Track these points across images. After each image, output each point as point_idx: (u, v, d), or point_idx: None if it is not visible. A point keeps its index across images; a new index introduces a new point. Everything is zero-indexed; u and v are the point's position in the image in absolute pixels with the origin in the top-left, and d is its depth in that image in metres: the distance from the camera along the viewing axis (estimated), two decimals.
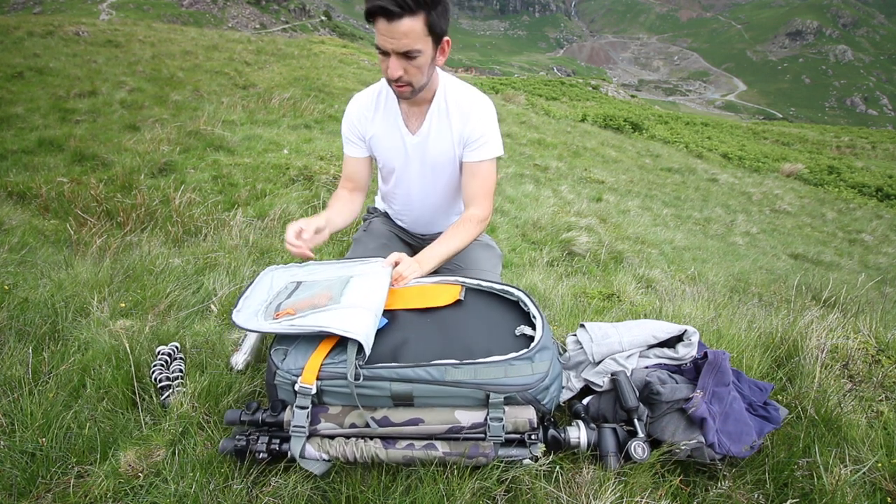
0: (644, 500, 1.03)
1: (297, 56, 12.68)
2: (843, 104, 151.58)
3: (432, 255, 1.41)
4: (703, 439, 1.08)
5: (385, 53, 1.25)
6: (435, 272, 1.44)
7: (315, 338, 1.11)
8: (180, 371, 1.33)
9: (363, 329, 1.07)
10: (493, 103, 1.50)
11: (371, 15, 1.19)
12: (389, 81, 1.32)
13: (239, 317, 1.19)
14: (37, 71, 7.44)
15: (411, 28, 1.19)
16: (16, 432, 1.14)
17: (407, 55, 1.24)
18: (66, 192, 3.48)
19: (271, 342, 1.19)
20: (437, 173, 1.57)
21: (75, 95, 6.50)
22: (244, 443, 1.05)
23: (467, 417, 1.04)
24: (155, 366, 1.32)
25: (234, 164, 4.52)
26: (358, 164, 1.63)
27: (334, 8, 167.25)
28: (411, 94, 1.35)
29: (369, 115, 1.54)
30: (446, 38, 1.30)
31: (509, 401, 1.05)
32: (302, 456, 1.03)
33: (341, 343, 1.09)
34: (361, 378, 1.03)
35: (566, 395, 1.26)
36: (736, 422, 1.12)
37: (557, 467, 1.09)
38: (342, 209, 1.59)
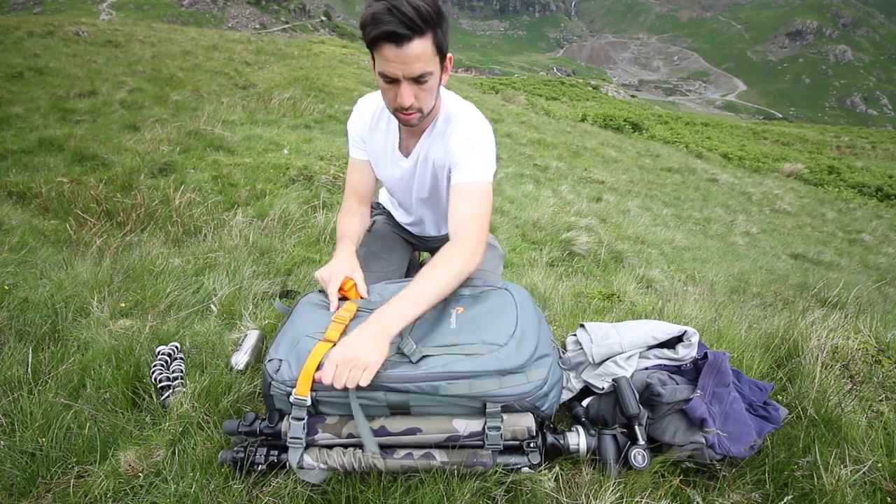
0: (644, 501, 1.03)
1: (297, 56, 12.67)
2: (843, 104, 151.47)
3: (393, 318, 1.06)
4: (703, 440, 1.08)
5: (392, 81, 1.16)
6: None
7: (307, 348, 1.09)
8: (180, 371, 1.33)
9: None
10: (488, 125, 1.36)
11: (376, 42, 1.10)
12: (396, 110, 1.23)
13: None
14: (37, 71, 7.44)
15: (423, 50, 1.11)
16: (16, 432, 1.14)
17: (419, 79, 1.15)
18: (66, 192, 3.48)
19: (267, 348, 1.17)
20: (435, 190, 1.50)
21: (75, 95, 6.49)
22: (243, 454, 1.05)
23: (465, 426, 1.03)
24: (155, 366, 1.32)
25: (234, 164, 4.52)
26: (365, 168, 1.53)
27: (334, 8, 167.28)
28: (419, 121, 1.26)
29: (370, 128, 1.48)
30: (449, 54, 1.22)
31: (507, 408, 1.04)
32: (300, 466, 1.03)
33: None
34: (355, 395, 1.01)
35: (566, 396, 1.26)
36: (736, 422, 1.12)
37: (557, 468, 1.09)
38: (362, 230, 1.53)
